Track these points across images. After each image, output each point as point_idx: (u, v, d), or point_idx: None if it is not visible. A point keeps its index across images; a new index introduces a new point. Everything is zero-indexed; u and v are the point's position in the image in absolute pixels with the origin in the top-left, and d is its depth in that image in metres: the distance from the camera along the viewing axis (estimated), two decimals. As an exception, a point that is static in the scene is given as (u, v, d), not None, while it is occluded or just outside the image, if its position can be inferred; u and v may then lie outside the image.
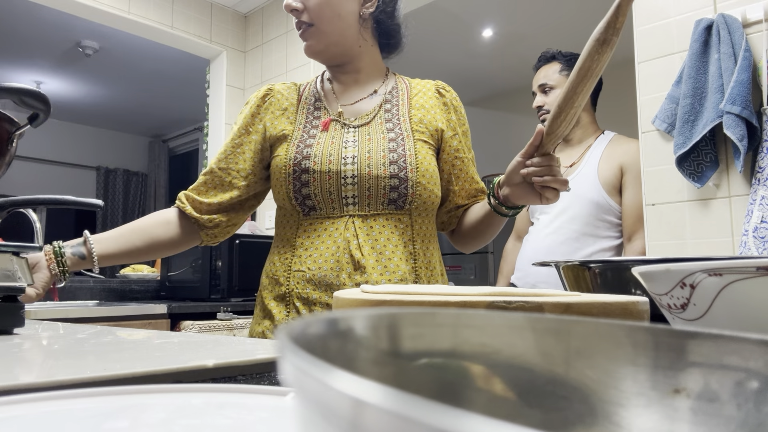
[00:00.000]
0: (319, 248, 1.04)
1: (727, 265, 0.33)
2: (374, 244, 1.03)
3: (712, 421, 0.19)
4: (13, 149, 0.78)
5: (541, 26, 3.84)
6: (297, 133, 1.11)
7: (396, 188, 1.04)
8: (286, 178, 1.06)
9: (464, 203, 1.19)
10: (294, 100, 1.17)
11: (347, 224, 1.04)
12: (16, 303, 0.70)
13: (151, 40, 3.35)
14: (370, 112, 1.12)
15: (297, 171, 1.05)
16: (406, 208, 1.06)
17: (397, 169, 1.04)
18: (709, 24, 1.62)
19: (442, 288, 0.48)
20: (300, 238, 1.07)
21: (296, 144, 1.08)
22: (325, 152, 1.06)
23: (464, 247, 1.22)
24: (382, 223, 1.04)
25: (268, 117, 1.14)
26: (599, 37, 0.77)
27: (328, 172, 1.04)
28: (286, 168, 1.06)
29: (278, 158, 1.09)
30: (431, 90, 1.18)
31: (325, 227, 1.05)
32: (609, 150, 1.91)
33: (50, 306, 2.37)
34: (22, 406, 0.31)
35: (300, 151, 1.07)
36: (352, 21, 1.11)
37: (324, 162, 1.05)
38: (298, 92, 1.18)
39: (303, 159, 1.05)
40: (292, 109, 1.15)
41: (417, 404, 0.09)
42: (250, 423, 0.31)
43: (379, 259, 1.02)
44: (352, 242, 1.02)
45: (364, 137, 1.08)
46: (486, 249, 3.79)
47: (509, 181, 0.99)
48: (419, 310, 0.21)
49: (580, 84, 0.81)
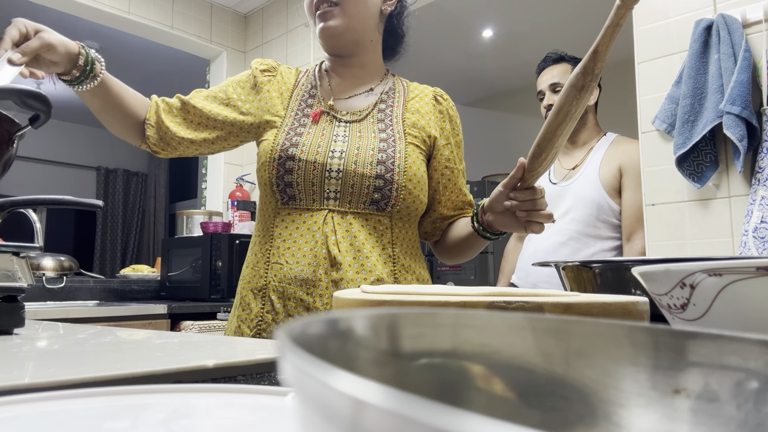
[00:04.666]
0: (297, 241, 1.03)
1: (727, 265, 0.33)
2: (353, 242, 1.01)
3: (712, 421, 0.19)
4: (14, 150, 0.78)
5: (541, 26, 3.84)
6: (288, 120, 1.10)
7: (380, 189, 1.02)
8: (270, 163, 1.05)
9: (450, 215, 1.17)
10: (291, 85, 1.16)
11: (326, 219, 1.02)
12: (16, 303, 0.70)
13: (151, 40, 3.35)
14: (364, 109, 1.11)
15: (282, 157, 1.04)
16: (387, 210, 1.04)
17: (384, 170, 1.02)
18: (708, 24, 1.62)
19: (442, 288, 0.48)
20: (278, 228, 1.06)
21: (286, 131, 1.08)
22: (313, 142, 1.05)
23: (446, 260, 1.22)
24: (361, 223, 1.02)
25: (263, 95, 1.14)
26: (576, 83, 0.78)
27: (314, 163, 1.03)
28: (272, 153, 1.05)
29: (266, 143, 1.08)
30: (429, 96, 1.17)
31: (303, 219, 1.04)
32: (610, 151, 1.91)
33: (50, 306, 2.37)
34: (22, 406, 0.31)
35: (289, 138, 1.06)
36: (374, 12, 1.12)
37: (311, 152, 1.04)
38: (296, 78, 1.18)
39: (291, 146, 1.05)
40: (287, 95, 1.15)
41: (417, 404, 0.09)
42: (250, 423, 0.31)
43: (357, 257, 1.00)
44: (330, 238, 1.00)
45: (354, 134, 1.07)
46: (486, 249, 3.78)
47: (492, 209, 0.99)
48: (419, 310, 0.21)
49: (559, 127, 0.82)
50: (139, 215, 6.66)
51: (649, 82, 1.80)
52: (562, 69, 2.00)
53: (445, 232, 1.19)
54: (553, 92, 2.00)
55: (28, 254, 0.77)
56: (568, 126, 0.82)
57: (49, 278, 2.60)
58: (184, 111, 1.14)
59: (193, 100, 1.15)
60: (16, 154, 0.80)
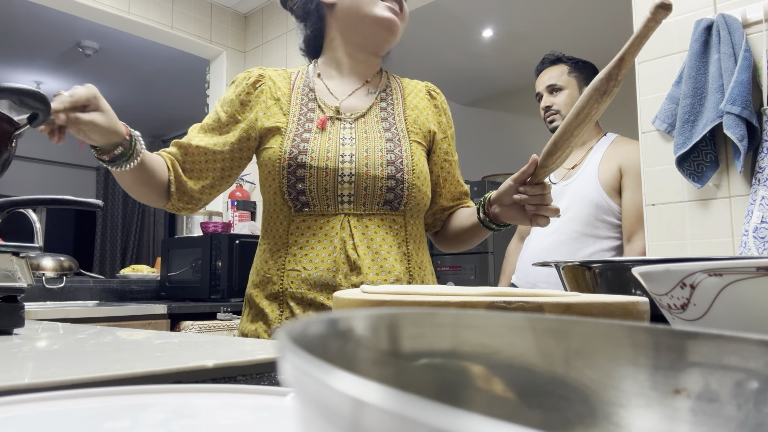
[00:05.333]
0: (315, 247, 1.02)
1: (727, 265, 0.33)
2: (370, 244, 1.02)
3: (712, 421, 0.19)
4: (13, 149, 0.78)
5: (541, 26, 3.84)
6: (292, 125, 1.07)
7: (392, 189, 1.04)
8: (279, 172, 1.02)
9: (450, 206, 1.20)
10: (287, 90, 1.12)
11: (342, 223, 1.02)
12: (16, 303, 0.70)
13: (151, 40, 3.35)
14: (365, 107, 1.12)
15: (292, 165, 1.02)
16: (400, 209, 1.05)
17: (395, 170, 1.04)
18: (709, 24, 1.62)
19: (442, 288, 0.48)
20: (293, 235, 1.04)
21: (291, 137, 1.05)
22: (322, 148, 1.04)
23: (447, 249, 1.24)
24: (377, 224, 1.04)
25: (259, 106, 1.09)
26: (600, 87, 0.79)
27: (326, 169, 1.02)
28: (280, 161, 1.03)
29: (271, 150, 1.05)
30: (422, 91, 1.19)
31: (319, 225, 1.03)
32: (610, 151, 1.91)
33: (50, 306, 2.37)
34: (22, 406, 0.31)
35: (296, 145, 1.03)
36: None
37: (321, 158, 1.03)
38: (290, 81, 1.14)
39: (299, 153, 1.02)
40: (285, 100, 1.10)
41: (417, 404, 0.09)
42: (250, 423, 0.31)
43: (375, 259, 1.02)
44: (348, 242, 1.01)
45: (361, 135, 1.07)
46: (486, 249, 3.79)
47: (500, 202, 1.02)
48: (419, 310, 0.21)
49: (578, 128, 0.84)
50: (139, 215, 6.66)
51: (649, 82, 1.80)
52: (560, 70, 2.00)
53: (445, 222, 1.21)
54: (551, 93, 2.00)
55: (28, 254, 0.77)
56: (586, 127, 0.85)
57: (48, 278, 2.60)
58: (185, 155, 1.10)
59: (193, 141, 1.11)
60: (14, 153, 0.80)
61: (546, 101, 2.01)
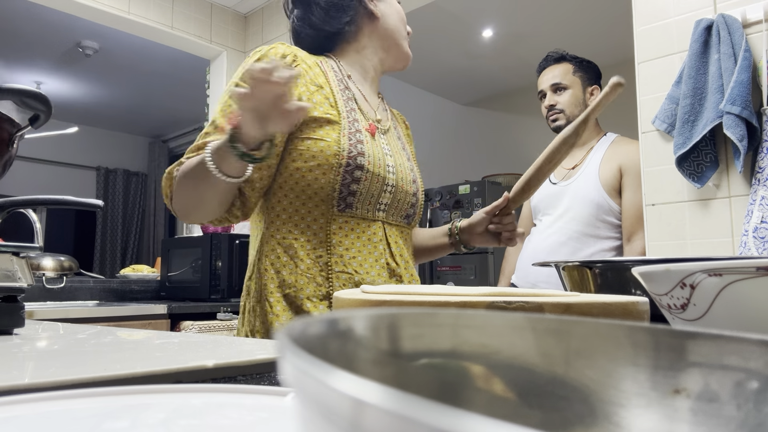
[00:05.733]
0: (362, 251, 1.00)
1: (727, 265, 0.33)
2: (402, 252, 1.08)
3: (712, 421, 0.19)
4: (14, 150, 0.78)
5: (541, 26, 3.84)
6: (344, 122, 1.00)
7: (413, 205, 1.12)
8: (336, 169, 0.96)
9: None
10: (323, 81, 1.03)
11: (382, 230, 1.05)
12: (16, 303, 0.70)
13: (151, 40, 3.35)
14: (388, 122, 1.16)
15: (351, 165, 0.97)
16: (411, 224, 1.14)
17: (415, 188, 1.13)
18: (709, 24, 1.62)
19: (442, 288, 0.48)
20: (336, 235, 0.99)
21: (347, 135, 0.99)
22: (375, 154, 1.02)
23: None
24: (402, 235, 1.10)
25: (300, 90, 0.98)
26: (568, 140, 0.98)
27: (378, 176, 1.02)
28: (338, 158, 0.96)
29: (323, 144, 0.97)
30: (400, 119, 1.27)
31: (362, 229, 1.01)
32: (610, 151, 1.91)
33: (50, 306, 2.37)
34: (22, 406, 0.31)
35: (353, 145, 0.98)
36: None
37: (376, 164, 1.01)
38: (323, 73, 1.05)
39: (358, 155, 0.98)
40: (329, 90, 1.02)
41: (417, 404, 0.09)
42: (250, 423, 0.31)
43: (407, 267, 1.08)
44: (385, 250, 1.05)
45: (394, 149, 1.11)
46: (486, 249, 3.78)
47: (473, 231, 1.17)
48: (419, 310, 0.21)
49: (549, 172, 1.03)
50: (139, 215, 6.66)
51: (649, 82, 1.80)
52: (564, 69, 2.00)
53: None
54: (555, 92, 2.00)
55: (28, 254, 0.77)
56: (553, 170, 1.03)
57: (49, 278, 2.60)
58: None
59: None
60: (16, 154, 0.80)
61: (550, 100, 2.00)
